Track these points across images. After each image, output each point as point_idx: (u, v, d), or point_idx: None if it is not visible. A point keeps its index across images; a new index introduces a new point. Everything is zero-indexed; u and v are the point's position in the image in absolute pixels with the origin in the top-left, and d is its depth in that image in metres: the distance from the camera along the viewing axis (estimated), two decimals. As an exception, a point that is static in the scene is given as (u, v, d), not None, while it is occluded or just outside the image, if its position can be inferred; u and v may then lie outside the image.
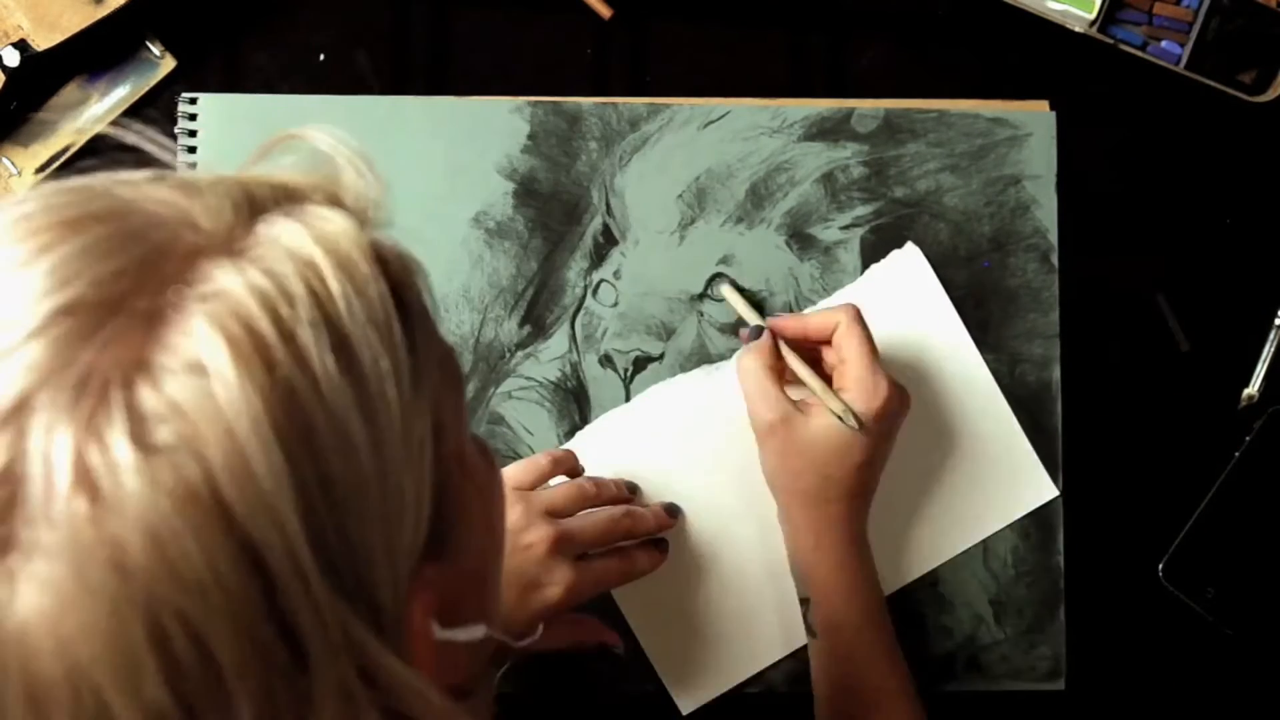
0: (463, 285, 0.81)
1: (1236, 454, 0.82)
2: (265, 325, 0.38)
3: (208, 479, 0.36)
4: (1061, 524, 0.82)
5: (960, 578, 0.82)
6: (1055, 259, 0.83)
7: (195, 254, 0.40)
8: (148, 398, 0.36)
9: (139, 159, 0.46)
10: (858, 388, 0.74)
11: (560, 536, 0.73)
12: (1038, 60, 0.84)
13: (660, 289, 0.82)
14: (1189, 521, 0.82)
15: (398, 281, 0.44)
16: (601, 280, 0.82)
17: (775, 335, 0.77)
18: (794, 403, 0.75)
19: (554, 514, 0.74)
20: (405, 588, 0.42)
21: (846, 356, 0.75)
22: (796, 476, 0.74)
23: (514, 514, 0.73)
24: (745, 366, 0.76)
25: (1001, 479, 0.81)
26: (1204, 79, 0.82)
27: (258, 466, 0.37)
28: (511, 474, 0.76)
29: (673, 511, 0.79)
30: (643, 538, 0.78)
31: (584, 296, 0.82)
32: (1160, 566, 0.81)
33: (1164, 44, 0.82)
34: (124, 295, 0.38)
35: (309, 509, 0.38)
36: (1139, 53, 0.82)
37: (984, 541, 0.82)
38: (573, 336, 0.82)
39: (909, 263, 0.82)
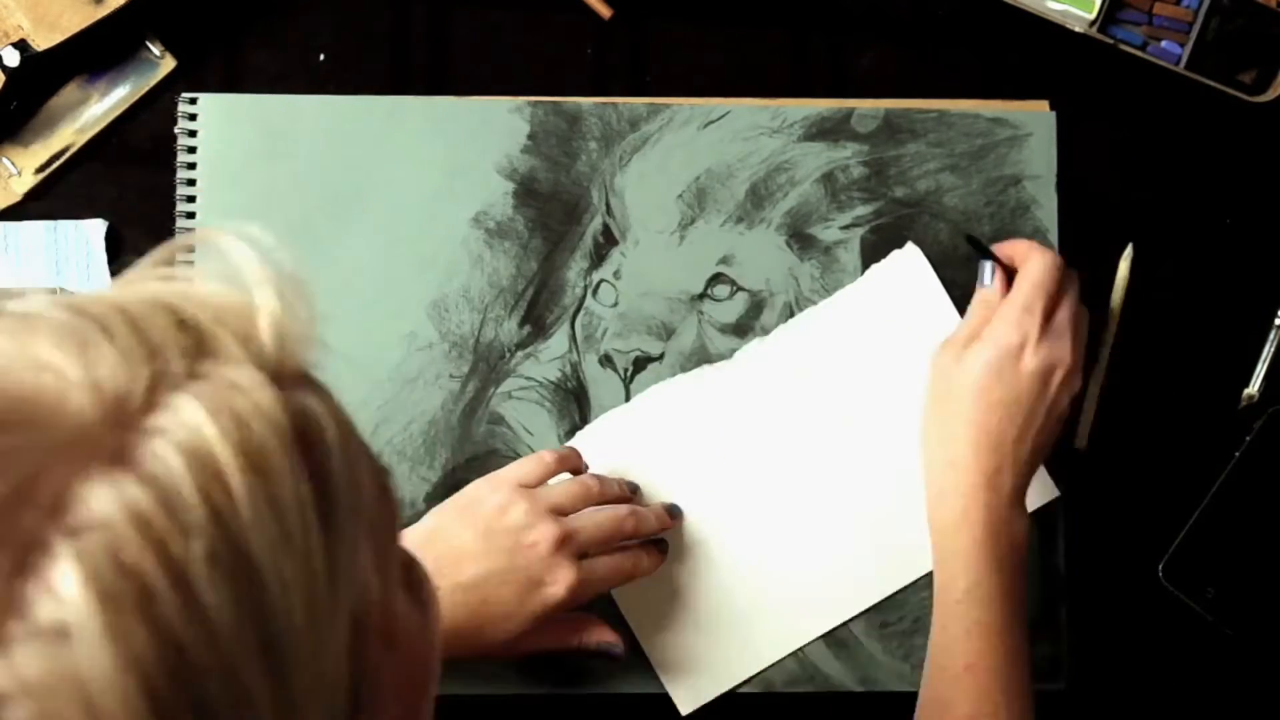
0: (463, 285, 0.81)
1: (1236, 454, 0.82)
2: (150, 568, 0.32)
3: None
4: (1061, 524, 0.82)
5: (960, 578, 0.82)
6: (1055, 259, 0.83)
7: (74, 465, 0.32)
8: None
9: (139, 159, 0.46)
10: (1006, 314, 0.74)
11: (564, 535, 0.73)
12: (1038, 60, 0.84)
13: (660, 289, 0.82)
14: (1189, 521, 0.82)
15: (319, 459, 0.37)
16: (601, 280, 0.82)
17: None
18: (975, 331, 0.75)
19: (557, 512, 0.74)
20: None
21: (1014, 286, 0.75)
22: (938, 409, 0.75)
23: (517, 511, 0.73)
24: (1034, 261, 0.75)
25: None
26: (1204, 79, 0.82)
27: None
28: (516, 471, 0.76)
29: (674, 513, 0.79)
30: (645, 538, 0.78)
31: (584, 296, 0.82)
32: (1160, 566, 0.81)
33: (1164, 44, 0.82)
34: None
35: None
36: (1139, 53, 0.82)
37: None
38: (573, 336, 0.82)
39: (910, 263, 0.82)
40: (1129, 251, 0.82)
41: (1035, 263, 0.74)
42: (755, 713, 0.81)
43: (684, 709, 0.80)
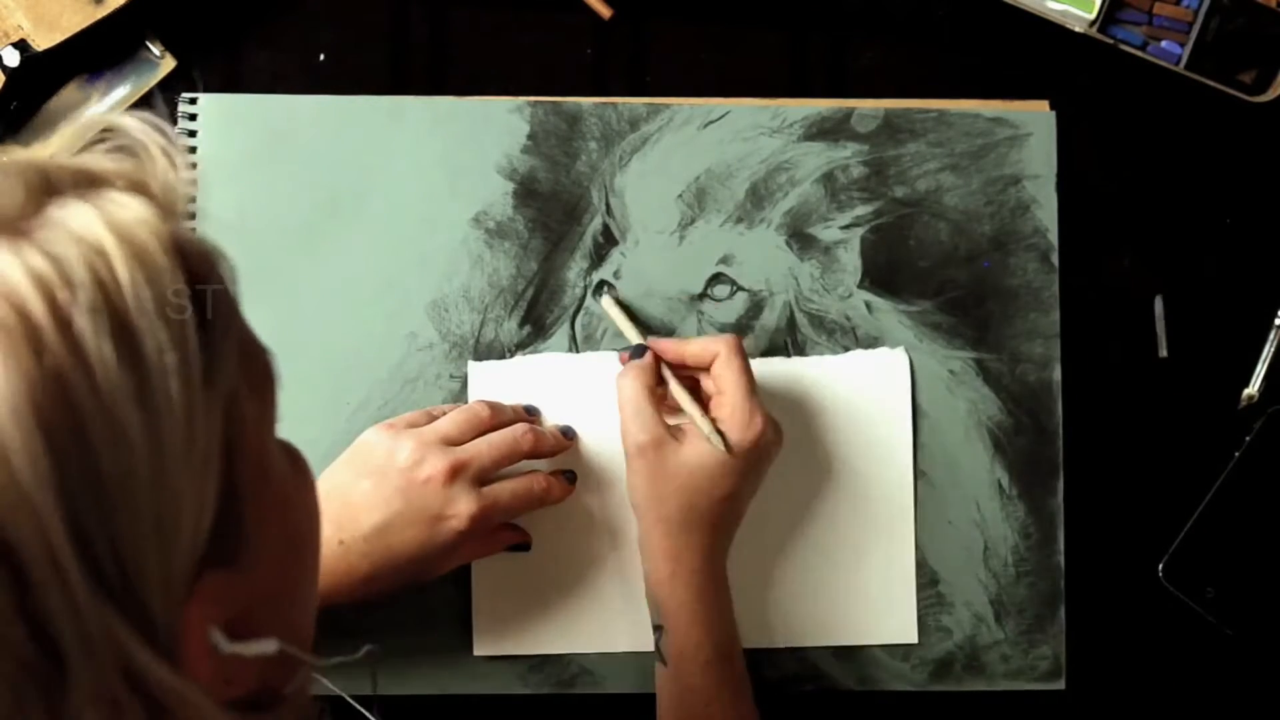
0: (463, 285, 0.81)
1: (1236, 454, 0.82)
2: (38, 309, 0.37)
3: None
4: (1061, 524, 0.82)
5: (960, 578, 0.82)
6: (1055, 259, 0.83)
7: None
8: None
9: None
10: (732, 417, 0.73)
11: (456, 464, 0.72)
12: (1038, 60, 0.84)
13: (660, 289, 0.82)
14: (1189, 522, 0.82)
15: (198, 276, 0.42)
16: (602, 280, 0.82)
17: (657, 357, 0.76)
18: (669, 428, 0.74)
19: (448, 443, 0.73)
20: (181, 594, 0.40)
21: (724, 387, 0.74)
22: (661, 502, 0.73)
23: (405, 449, 0.72)
24: (623, 385, 0.75)
25: (872, 601, 0.81)
26: (1204, 79, 0.82)
27: (15, 457, 0.36)
28: (404, 417, 0.76)
29: (569, 434, 0.79)
30: (545, 456, 0.77)
31: (584, 296, 0.82)
32: (1160, 566, 0.81)
33: (1164, 44, 0.82)
34: None
35: (72, 504, 0.37)
36: (1139, 53, 0.82)
37: (984, 541, 0.82)
38: (573, 336, 0.82)
39: (893, 365, 0.82)
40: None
41: (733, 361, 0.75)
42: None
43: (478, 650, 0.79)
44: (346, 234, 0.81)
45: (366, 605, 0.73)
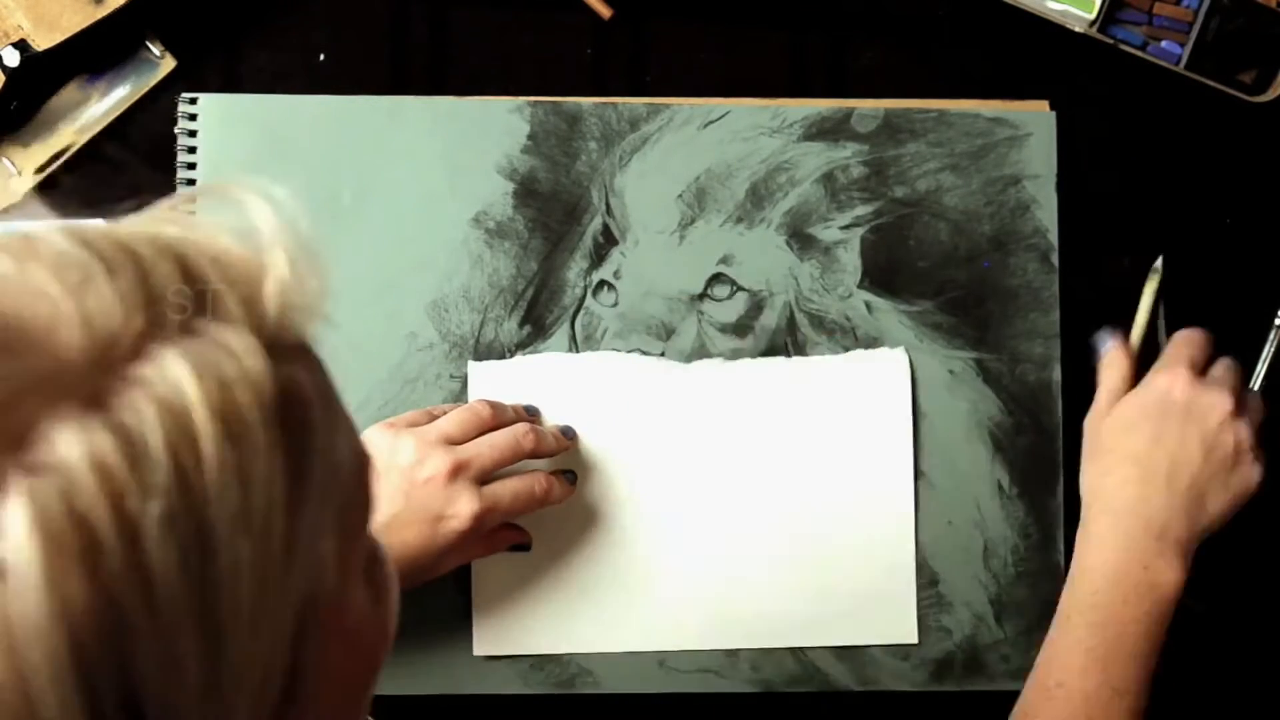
0: (463, 285, 0.81)
1: None
2: (102, 520, 0.31)
3: None
4: (1061, 524, 0.82)
5: (960, 578, 0.82)
6: (1055, 259, 0.83)
7: (48, 400, 0.31)
8: None
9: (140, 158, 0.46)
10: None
11: (457, 464, 0.72)
12: (1038, 60, 0.84)
13: (660, 289, 0.82)
14: None
15: (300, 435, 0.36)
16: (602, 280, 0.82)
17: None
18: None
19: (449, 442, 0.73)
20: None
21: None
22: (1125, 475, 0.75)
23: (406, 449, 0.72)
24: (1105, 363, 0.79)
25: (872, 601, 0.81)
26: (1204, 79, 0.82)
27: (40, 698, 0.30)
28: (404, 416, 0.75)
29: (569, 434, 0.79)
30: (546, 456, 0.77)
31: (584, 296, 0.82)
32: None
33: (1164, 44, 0.82)
34: None
35: None
36: (1139, 53, 0.82)
37: (984, 541, 0.82)
38: (573, 337, 0.82)
39: (893, 365, 0.82)
40: (1158, 266, 0.82)
41: (1182, 332, 0.78)
42: (755, 713, 0.81)
43: (478, 650, 0.79)
44: (346, 234, 0.81)
45: None
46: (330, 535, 0.38)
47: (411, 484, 0.71)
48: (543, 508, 0.77)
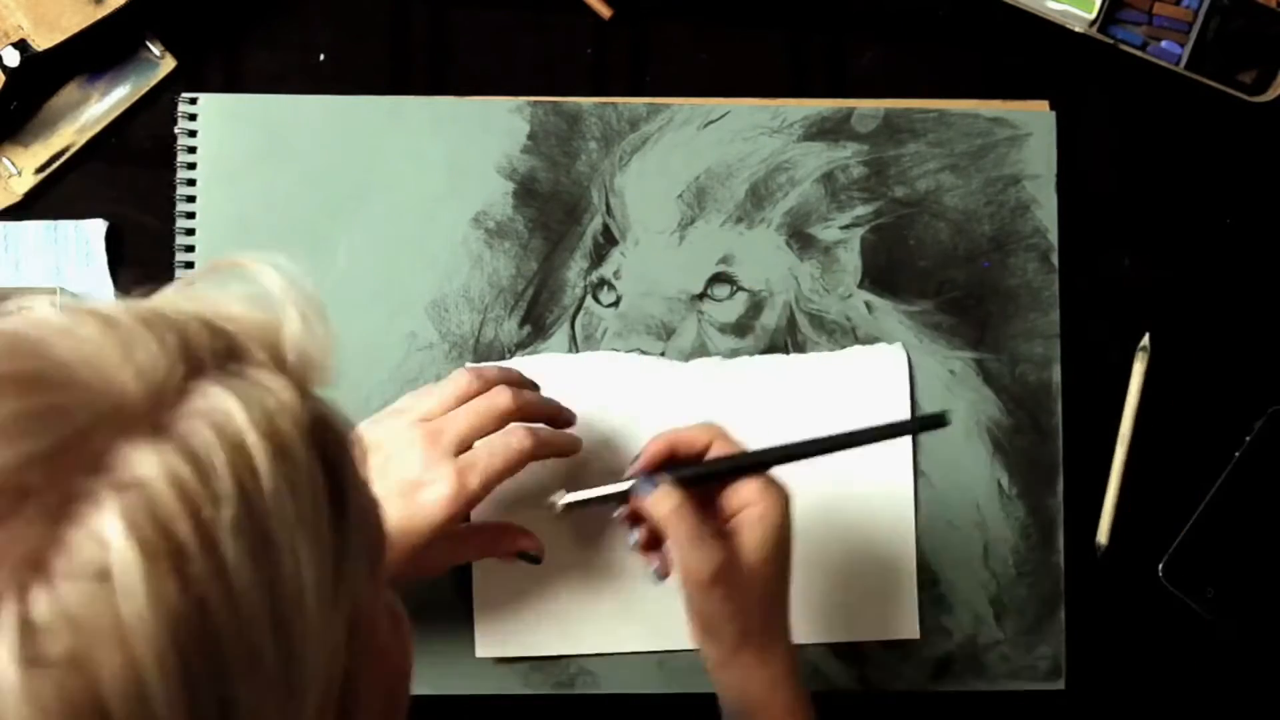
0: (463, 285, 0.81)
1: (1236, 454, 0.82)
2: (184, 528, 0.34)
3: (94, 700, 0.33)
4: (1061, 524, 0.82)
5: (960, 578, 0.82)
6: (1055, 259, 0.83)
7: (117, 431, 0.35)
8: (41, 606, 0.32)
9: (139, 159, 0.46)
10: (761, 494, 0.67)
11: (432, 433, 0.68)
12: (1038, 60, 0.84)
13: (660, 289, 0.82)
14: (1189, 521, 0.82)
15: (335, 462, 0.40)
16: (602, 280, 0.82)
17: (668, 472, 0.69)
18: (719, 534, 0.67)
19: (428, 419, 0.70)
20: None
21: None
22: (747, 616, 0.67)
23: (381, 428, 0.70)
24: (668, 519, 0.66)
25: (873, 597, 0.81)
26: (1204, 79, 0.82)
27: (152, 689, 0.33)
28: (394, 405, 0.73)
29: (566, 414, 0.74)
30: (533, 419, 0.72)
31: (584, 296, 0.82)
32: (1160, 566, 0.81)
33: (1164, 44, 0.82)
34: (31, 486, 0.33)
35: None
36: (1139, 53, 0.82)
37: (984, 541, 0.82)
38: (572, 336, 0.82)
39: (891, 360, 0.82)
40: (1145, 344, 0.82)
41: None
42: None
43: (480, 652, 0.79)
44: (346, 234, 0.81)
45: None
46: (363, 557, 0.41)
47: (387, 461, 0.68)
48: (533, 461, 0.71)
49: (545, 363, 0.81)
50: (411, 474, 0.68)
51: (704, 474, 0.69)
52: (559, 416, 0.74)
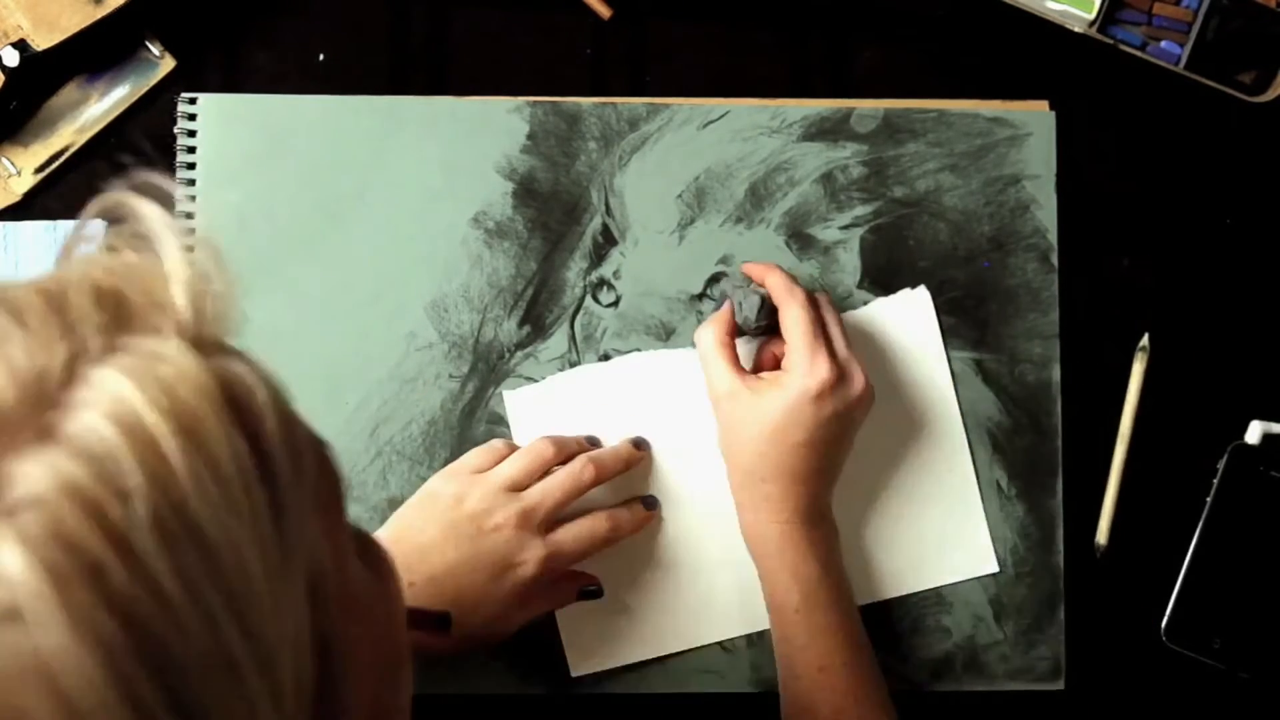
0: (462, 285, 0.81)
1: (1208, 499, 0.81)
2: (93, 540, 0.31)
3: None
4: (1061, 524, 0.82)
5: (960, 578, 0.82)
6: (1055, 259, 0.83)
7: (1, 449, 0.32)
8: None
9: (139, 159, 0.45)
10: (790, 360, 0.74)
11: (525, 511, 0.72)
12: (1038, 60, 0.84)
13: (660, 289, 0.82)
14: (1178, 579, 0.80)
15: (250, 420, 0.36)
16: (601, 280, 0.82)
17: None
18: (746, 377, 0.75)
19: (514, 488, 0.74)
20: None
21: (787, 337, 0.75)
22: (738, 452, 0.75)
23: (474, 497, 0.73)
24: (700, 338, 0.76)
25: (946, 540, 0.81)
26: (1204, 79, 0.82)
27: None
28: (469, 460, 0.76)
29: (640, 444, 0.79)
30: (612, 478, 0.77)
31: (583, 296, 0.82)
32: (1161, 629, 0.80)
33: (1164, 44, 0.82)
34: None
35: None
36: (1139, 53, 0.82)
37: (984, 541, 0.82)
38: (572, 336, 0.82)
39: (916, 304, 0.82)
40: (1145, 344, 0.82)
41: (792, 309, 0.74)
42: (755, 712, 0.80)
43: (574, 670, 0.80)
44: (346, 234, 0.81)
45: (438, 658, 0.74)
46: (312, 515, 0.38)
47: (479, 531, 0.72)
48: (613, 544, 0.77)
49: (578, 377, 0.81)
50: (502, 552, 0.72)
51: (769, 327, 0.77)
52: (634, 460, 0.79)
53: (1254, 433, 0.82)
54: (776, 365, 0.76)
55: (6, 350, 0.33)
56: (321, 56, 0.83)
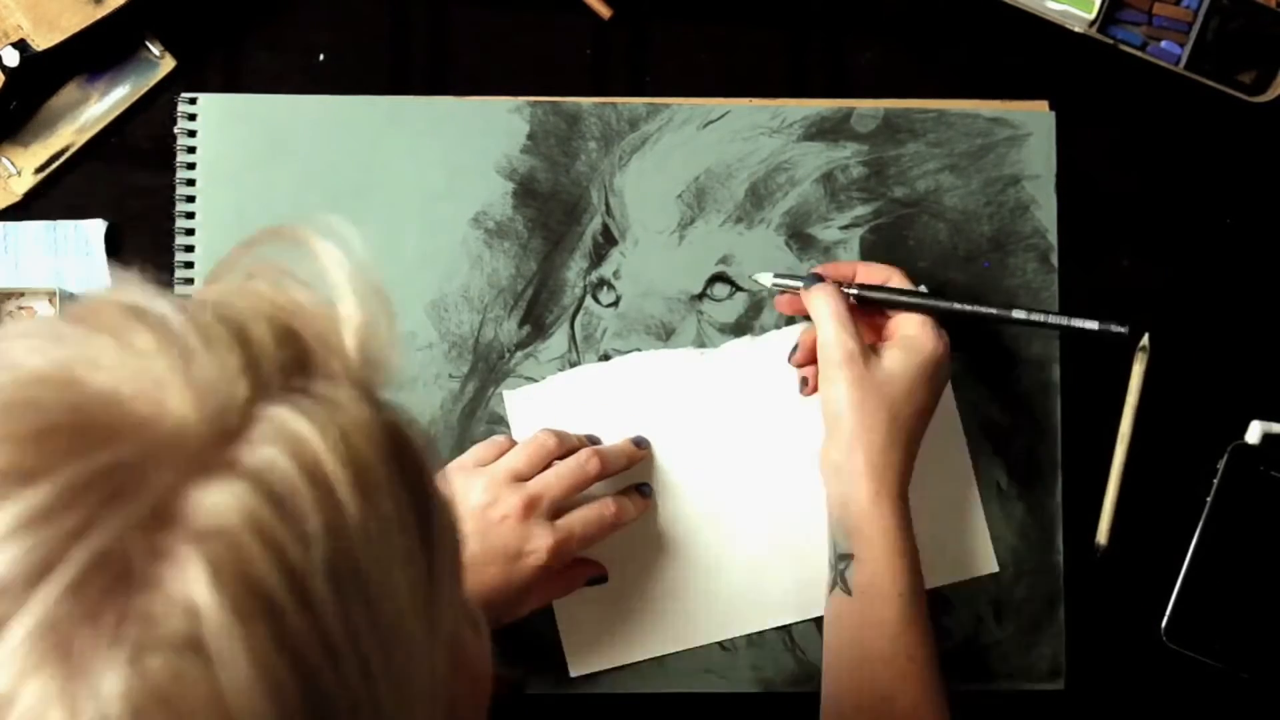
0: (462, 285, 0.81)
1: (1208, 499, 0.81)
2: (274, 579, 0.31)
3: None
4: (1061, 524, 0.82)
5: (960, 578, 0.82)
6: (1055, 259, 0.83)
7: (182, 471, 0.31)
8: (125, 688, 0.28)
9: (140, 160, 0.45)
10: (921, 328, 0.74)
11: (530, 500, 0.72)
12: (1038, 60, 0.84)
13: (660, 289, 0.82)
14: (1178, 579, 0.81)
15: (415, 477, 0.36)
16: (601, 280, 0.82)
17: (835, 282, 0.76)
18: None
19: (518, 478, 0.74)
20: None
21: (900, 311, 0.75)
22: (866, 414, 0.71)
23: (478, 490, 0.73)
24: (820, 300, 0.74)
25: (946, 540, 0.81)
26: (1204, 79, 0.82)
27: None
28: (470, 455, 0.76)
29: (641, 443, 0.79)
30: (615, 474, 0.77)
31: (583, 296, 0.82)
32: (1162, 629, 0.81)
33: (1164, 44, 0.82)
34: (103, 553, 0.29)
35: None
36: (1139, 53, 0.82)
37: (984, 541, 0.82)
38: (572, 336, 0.82)
39: None
40: (1145, 344, 0.82)
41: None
42: (755, 712, 0.81)
43: (573, 670, 0.80)
44: (346, 234, 0.81)
45: None
46: (452, 572, 0.39)
47: (487, 524, 0.72)
48: (618, 529, 0.77)
49: (579, 376, 0.81)
50: (512, 542, 0.72)
51: (873, 298, 0.76)
52: (636, 458, 0.79)
53: (1254, 433, 0.82)
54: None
55: (193, 372, 0.33)
56: (321, 56, 0.83)
